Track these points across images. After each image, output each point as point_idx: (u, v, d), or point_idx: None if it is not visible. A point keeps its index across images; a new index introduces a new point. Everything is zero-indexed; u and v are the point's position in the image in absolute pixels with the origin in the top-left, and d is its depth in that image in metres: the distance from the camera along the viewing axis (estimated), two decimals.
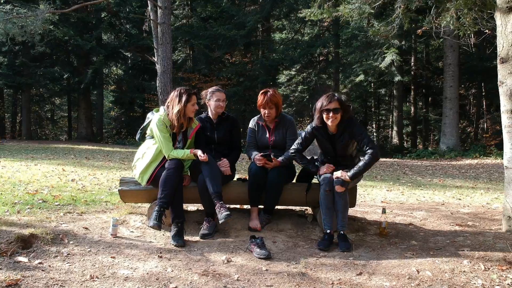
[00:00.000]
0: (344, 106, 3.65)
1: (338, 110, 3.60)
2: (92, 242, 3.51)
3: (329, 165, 3.76)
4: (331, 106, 3.58)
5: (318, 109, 3.65)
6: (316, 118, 3.70)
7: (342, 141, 3.71)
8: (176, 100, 3.86)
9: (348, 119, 3.68)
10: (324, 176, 3.71)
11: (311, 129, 3.78)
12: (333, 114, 3.59)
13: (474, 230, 4.04)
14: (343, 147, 3.74)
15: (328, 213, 3.65)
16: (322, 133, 3.76)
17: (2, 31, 11.50)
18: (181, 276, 2.96)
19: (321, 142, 3.82)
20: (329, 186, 3.64)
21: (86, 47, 19.39)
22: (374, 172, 10.51)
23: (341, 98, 3.66)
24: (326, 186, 3.65)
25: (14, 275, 2.76)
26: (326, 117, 3.62)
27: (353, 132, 3.66)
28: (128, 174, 7.71)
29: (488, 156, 15.10)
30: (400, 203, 5.86)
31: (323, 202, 3.67)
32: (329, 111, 3.59)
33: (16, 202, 4.77)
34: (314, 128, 3.77)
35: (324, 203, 3.66)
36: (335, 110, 3.59)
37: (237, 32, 18.99)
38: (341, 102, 3.62)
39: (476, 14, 5.92)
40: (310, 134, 3.80)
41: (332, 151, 3.81)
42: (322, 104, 3.62)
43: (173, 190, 3.67)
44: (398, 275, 2.97)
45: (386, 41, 16.11)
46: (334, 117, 3.60)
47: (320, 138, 3.80)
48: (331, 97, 3.63)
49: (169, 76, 12.48)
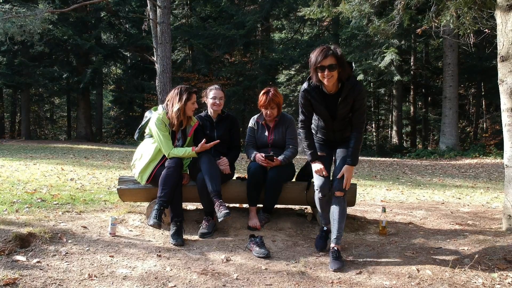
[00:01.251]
0: (342, 61, 3.07)
1: (334, 67, 3.03)
2: (91, 241, 3.49)
3: (322, 168, 3.32)
4: (325, 63, 3.02)
5: (312, 66, 3.08)
6: (312, 75, 3.17)
7: (346, 105, 3.21)
8: (176, 98, 3.84)
9: (351, 79, 3.15)
10: (319, 183, 3.31)
11: (303, 92, 3.27)
12: (328, 72, 3.03)
13: (474, 229, 4.03)
14: (345, 112, 3.27)
15: (324, 212, 3.42)
16: (317, 95, 3.24)
17: (1, 31, 11.47)
18: (180, 275, 2.94)
19: (315, 106, 3.31)
20: (324, 193, 3.31)
21: (85, 46, 19.37)
22: (374, 171, 10.50)
23: (338, 52, 3.07)
24: (321, 192, 3.31)
25: (12, 274, 2.74)
26: (321, 76, 3.07)
27: (357, 98, 3.17)
28: (127, 173, 7.69)
29: (487, 155, 15.10)
30: (399, 202, 5.85)
31: (318, 205, 3.44)
32: (324, 69, 3.03)
33: (15, 201, 4.75)
34: (305, 90, 3.25)
35: (320, 205, 3.42)
36: (330, 67, 3.02)
37: (236, 32, 18.98)
38: (338, 57, 3.04)
39: (475, 13, 5.92)
40: (304, 98, 3.28)
41: (329, 117, 3.33)
42: (316, 60, 3.04)
43: (173, 189, 3.65)
44: (398, 274, 2.95)
45: (385, 41, 16.10)
46: (330, 75, 3.04)
47: (314, 102, 3.28)
48: (326, 51, 3.03)
49: (169, 76, 12.45)
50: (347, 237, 3.84)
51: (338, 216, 3.25)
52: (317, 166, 3.34)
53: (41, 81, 21.90)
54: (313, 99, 3.24)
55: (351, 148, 3.27)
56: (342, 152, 3.41)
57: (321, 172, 3.30)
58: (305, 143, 3.41)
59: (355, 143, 3.26)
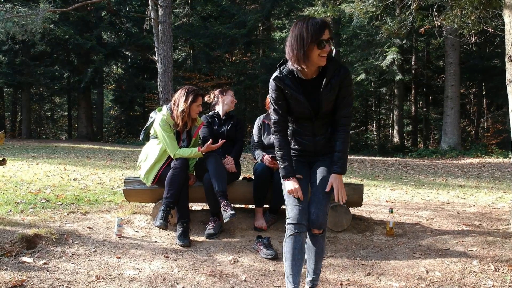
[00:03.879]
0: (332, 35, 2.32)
1: (330, 41, 2.28)
2: (97, 242, 3.47)
3: (297, 188, 2.38)
4: (326, 36, 2.23)
5: (309, 42, 2.21)
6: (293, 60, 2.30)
7: (330, 92, 2.34)
8: (182, 98, 3.83)
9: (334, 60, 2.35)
10: (294, 213, 2.37)
11: (274, 82, 2.39)
12: (329, 47, 2.25)
13: (482, 230, 4.01)
14: (330, 103, 2.39)
15: (297, 264, 2.37)
16: (292, 83, 2.36)
17: (3, 30, 11.44)
18: (188, 276, 2.93)
19: (292, 97, 2.37)
20: (300, 229, 2.35)
21: (86, 46, 19.33)
22: (377, 171, 10.48)
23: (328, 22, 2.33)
24: (295, 228, 2.36)
25: (19, 276, 2.72)
26: (320, 54, 2.23)
27: (344, 84, 2.36)
28: (130, 173, 7.68)
29: (489, 155, 15.07)
30: (405, 203, 5.83)
31: (288, 250, 2.38)
32: (323, 44, 2.21)
33: (19, 201, 4.73)
34: (277, 78, 2.38)
35: (291, 251, 2.37)
36: (329, 42, 2.26)
37: (237, 31, 18.95)
38: (331, 30, 2.30)
39: (480, 12, 5.89)
40: (276, 89, 2.39)
41: (309, 112, 2.39)
42: (314, 33, 2.20)
43: (179, 190, 3.64)
44: (407, 276, 2.93)
45: (387, 40, 16.07)
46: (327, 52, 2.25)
47: (290, 92, 2.36)
48: (322, 22, 2.27)
49: (170, 75, 12.42)
50: (354, 238, 3.83)
51: (314, 255, 2.49)
52: (292, 185, 2.39)
53: (42, 80, 21.86)
54: (288, 88, 2.35)
55: (338, 151, 2.40)
56: (322, 171, 2.47)
57: (296, 193, 2.37)
58: (279, 152, 2.44)
59: (342, 145, 2.40)
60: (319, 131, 2.47)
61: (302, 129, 2.48)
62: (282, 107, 2.42)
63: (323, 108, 2.38)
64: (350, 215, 3.94)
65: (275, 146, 2.48)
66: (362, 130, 26.63)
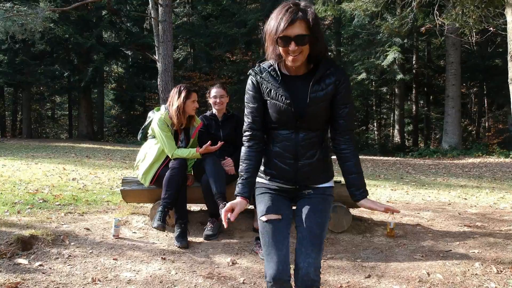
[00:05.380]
0: (317, 30, 1.73)
1: (304, 38, 1.70)
2: (94, 244, 3.43)
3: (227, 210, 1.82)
4: (292, 32, 1.69)
5: (271, 36, 1.75)
6: (268, 52, 1.82)
7: (321, 92, 1.80)
8: (175, 96, 3.79)
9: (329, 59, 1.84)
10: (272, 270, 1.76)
11: (249, 78, 1.91)
12: (296, 47, 1.70)
13: (484, 231, 3.96)
14: (319, 106, 1.81)
15: None
16: (271, 78, 1.83)
17: (2, 29, 11.41)
18: (185, 279, 2.88)
19: (270, 94, 1.84)
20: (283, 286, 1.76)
21: (87, 45, 19.30)
22: (377, 171, 10.43)
23: (310, 15, 1.73)
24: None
25: (14, 278, 2.68)
26: (283, 51, 1.74)
27: (341, 86, 1.82)
28: (129, 173, 7.64)
29: (490, 154, 15.01)
30: (406, 203, 5.78)
31: None
32: (288, 41, 1.70)
33: (16, 202, 4.69)
34: (253, 72, 1.89)
35: None
36: (299, 39, 1.70)
37: (238, 30, 18.91)
38: (310, 23, 1.71)
39: (482, 11, 5.85)
40: (252, 86, 1.89)
41: (290, 114, 1.80)
42: (277, 26, 1.71)
43: (177, 190, 3.59)
44: (408, 278, 2.89)
45: (388, 39, 16.01)
46: (298, 51, 1.72)
47: (268, 87, 1.84)
48: (292, 12, 1.70)
49: (170, 75, 12.38)
50: (355, 239, 3.78)
51: None
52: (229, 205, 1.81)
53: (42, 79, 21.84)
54: (266, 82, 1.84)
55: (356, 174, 1.86)
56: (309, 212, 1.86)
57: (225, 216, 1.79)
58: (242, 164, 1.90)
59: (356, 164, 1.87)
60: (303, 151, 1.83)
61: (281, 147, 1.85)
62: (257, 110, 1.88)
63: (310, 110, 1.78)
64: (350, 216, 3.90)
65: (240, 158, 1.92)
66: (363, 130, 26.59)
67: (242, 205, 1.82)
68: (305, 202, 1.89)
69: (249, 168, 1.88)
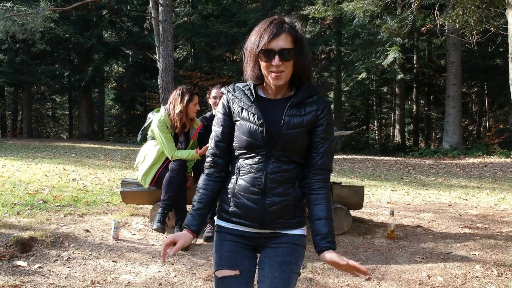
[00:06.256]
0: (302, 45, 1.57)
1: (290, 53, 1.53)
2: (93, 245, 3.42)
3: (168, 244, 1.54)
4: (277, 45, 1.51)
5: (252, 51, 1.57)
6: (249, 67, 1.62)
7: (296, 117, 1.57)
8: (178, 99, 3.77)
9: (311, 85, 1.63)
10: None
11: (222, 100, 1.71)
12: (279, 62, 1.51)
13: (485, 233, 3.95)
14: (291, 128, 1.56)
15: None
16: (245, 98, 1.63)
17: (3, 29, 11.39)
18: (184, 281, 2.87)
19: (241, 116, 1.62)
20: None
21: (87, 45, 19.30)
22: (378, 171, 10.42)
23: (296, 27, 1.58)
24: None
25: (13, 281, 2.67)
26: (265, 67, 1.54)
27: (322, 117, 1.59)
28: (129, 173, 7.63)
29: (491, 154, 14.99)
30: (406, 204, 5.77)
31: None
32: (272, 55, 1.51)
33: (16, 202, 4.68)
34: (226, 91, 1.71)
35: None
36: (283, 53, 1.52)
37: (238, 30, 18.89)
38: (296, 36, 1.56)
39: (482, 12, 5.83)
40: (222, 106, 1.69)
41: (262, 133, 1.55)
42: (260, 39, 1.53)
43: (177, 192, 3.58)
44: (408, 281, 2.88)
45: (389, 39, 15.99)
46: (282, 68, 1.52)
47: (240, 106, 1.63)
48: (278, 24, 1.55)
49: (171, 74, 12.36)
50: (355, 241, 3.77)
51: None
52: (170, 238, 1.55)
53: (43, 79, 21.85)
54: (239, 101, 1.63)
55: (325, 218, 1.59)
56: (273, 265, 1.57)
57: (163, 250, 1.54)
58: (197, 193, 1.65)
59: (327, 208, 1.59)
60: (271, 185, 1.55)
61: (247, 180, 1.57)
62: (222, 134, 1.65)
63: (283, 134, 1.54)
64: (350, 217, 3.89)
65: (197, 186, 1.69)
66: (364, 129, 26.57)
67: (186, 239, 1.55)
68: (271, 252, 1.59)
69: (202, 199, 1.63)
